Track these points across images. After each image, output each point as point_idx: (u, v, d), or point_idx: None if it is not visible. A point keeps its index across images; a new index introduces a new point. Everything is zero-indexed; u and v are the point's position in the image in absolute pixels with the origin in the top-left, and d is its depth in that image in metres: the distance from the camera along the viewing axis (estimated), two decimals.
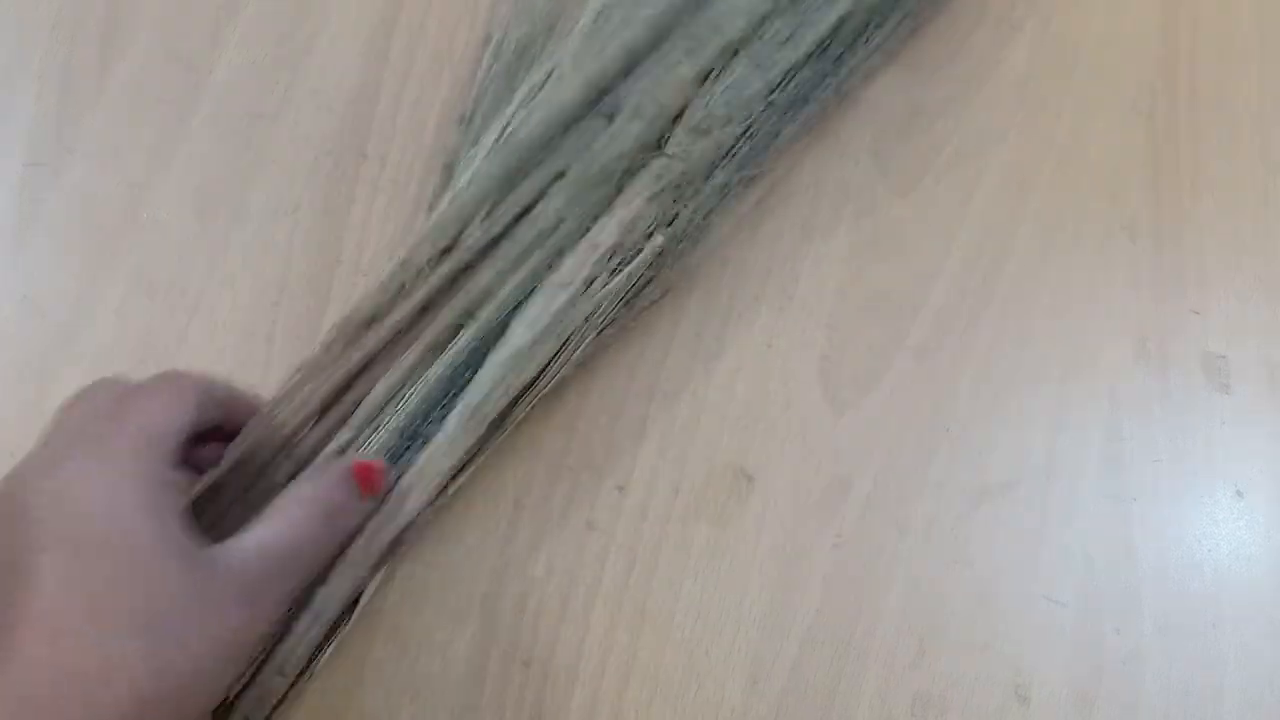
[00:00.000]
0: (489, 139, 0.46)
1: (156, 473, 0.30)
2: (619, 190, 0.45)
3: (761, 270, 0.49)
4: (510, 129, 0.45)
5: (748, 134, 0.47)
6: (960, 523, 0.45)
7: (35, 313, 0.46)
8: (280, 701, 0.38)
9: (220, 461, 0.38)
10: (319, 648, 0.39)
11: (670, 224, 0.45)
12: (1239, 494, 0.46)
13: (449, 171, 0.48)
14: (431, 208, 0.47)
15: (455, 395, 0.42)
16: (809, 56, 0.47)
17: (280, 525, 0.32)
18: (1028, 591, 0.44)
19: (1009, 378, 0.48)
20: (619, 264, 0.44)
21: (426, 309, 0.43)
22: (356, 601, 0.40)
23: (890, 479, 0.46)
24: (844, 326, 0.48)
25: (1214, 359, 0.49)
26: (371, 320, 0.43)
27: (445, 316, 0.43)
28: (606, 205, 0.45)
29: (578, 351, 0.43)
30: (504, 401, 0.42)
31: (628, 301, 0.45)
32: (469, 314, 0.43)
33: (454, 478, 0.42)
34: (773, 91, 0.47)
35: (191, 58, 0.51)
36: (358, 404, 0.42)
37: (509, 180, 0.44)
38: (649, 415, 0.46)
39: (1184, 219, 0.51)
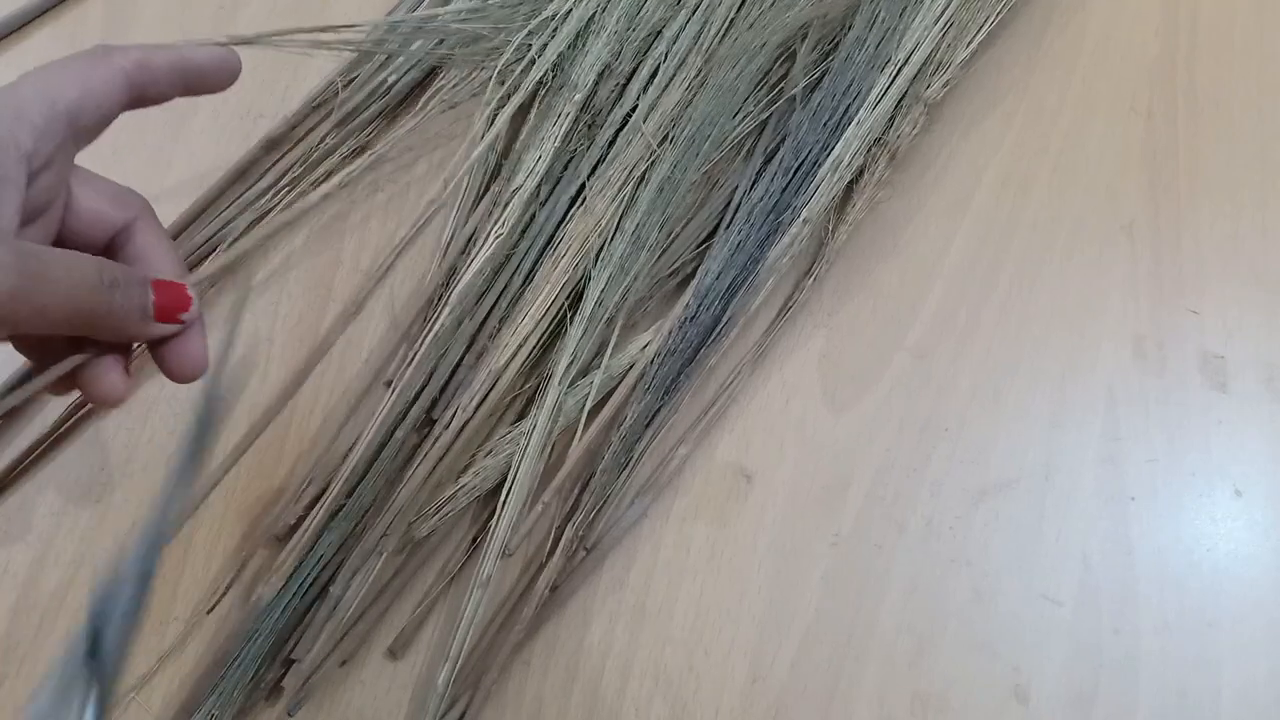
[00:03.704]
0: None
1: (16, 142, 0.28)
2: None
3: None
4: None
5: None
6: (959, 522, 0.45)
7: None
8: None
9: None
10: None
11: None
12: (1237, 493, 0.46)
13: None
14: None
15: None
16: None
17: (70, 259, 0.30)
18: (1026, 591, 0.44)
19: (1008, 377, 0.48)
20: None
21: None
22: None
23: (889, 478, 0.46)
24: (844, 326, 0.48)
25: (1212, 359, 0.49)
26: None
27: None
28: None
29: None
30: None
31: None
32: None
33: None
34: None
35: None
36: None
37: None
38: None
39: (1182, 219, 0.52)
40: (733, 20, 0.50)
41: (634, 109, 0.48)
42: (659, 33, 0.49)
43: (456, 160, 0.49)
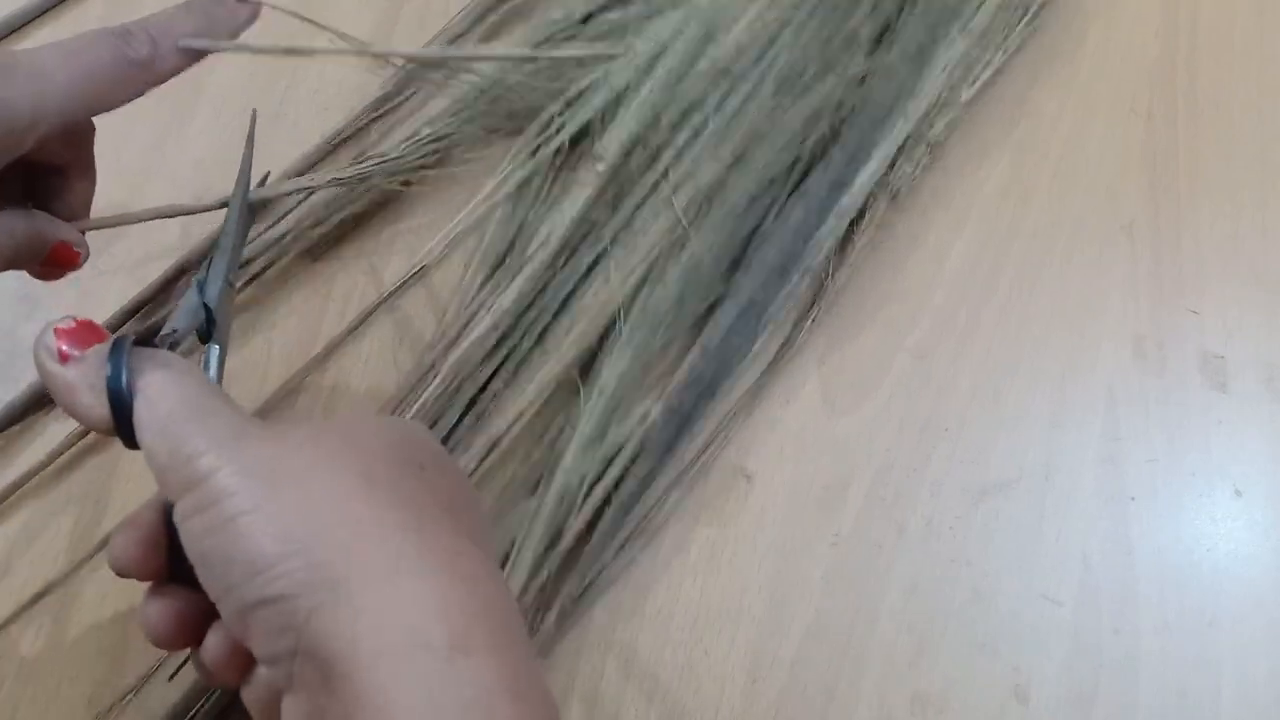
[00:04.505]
0: None
1: None
2: None
3: None
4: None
5: None
6: (959, 522, 0.45)
7: (35, 312, 0.46)
8: None
9: None
10: None
11: None
12: (1237, 493, 0.46)
13: None
14: None
15: None
16: None
17: None
18: (1026, 591, 0.44)
19: (1008, 378, 0.48)
20: None
21: None
22: None
23: (889, 478, 0.46)
24: (844, 328, 0.48)
25: (1212, 359, 0.49)
26: None
27: None
28: None
29: None
30: None
31: None
32: None
33: None
34: None
35: None
36: None
37: None
38: None
39: (1182, 219, 0.52)
40: (776, 94, 0.48)
41: (665, 174, 0.46)
42: (698, 104, 0.48)
43: (460, 218, 0.48)
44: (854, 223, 0.48)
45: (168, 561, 0.28)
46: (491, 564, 0.26)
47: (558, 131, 0.47)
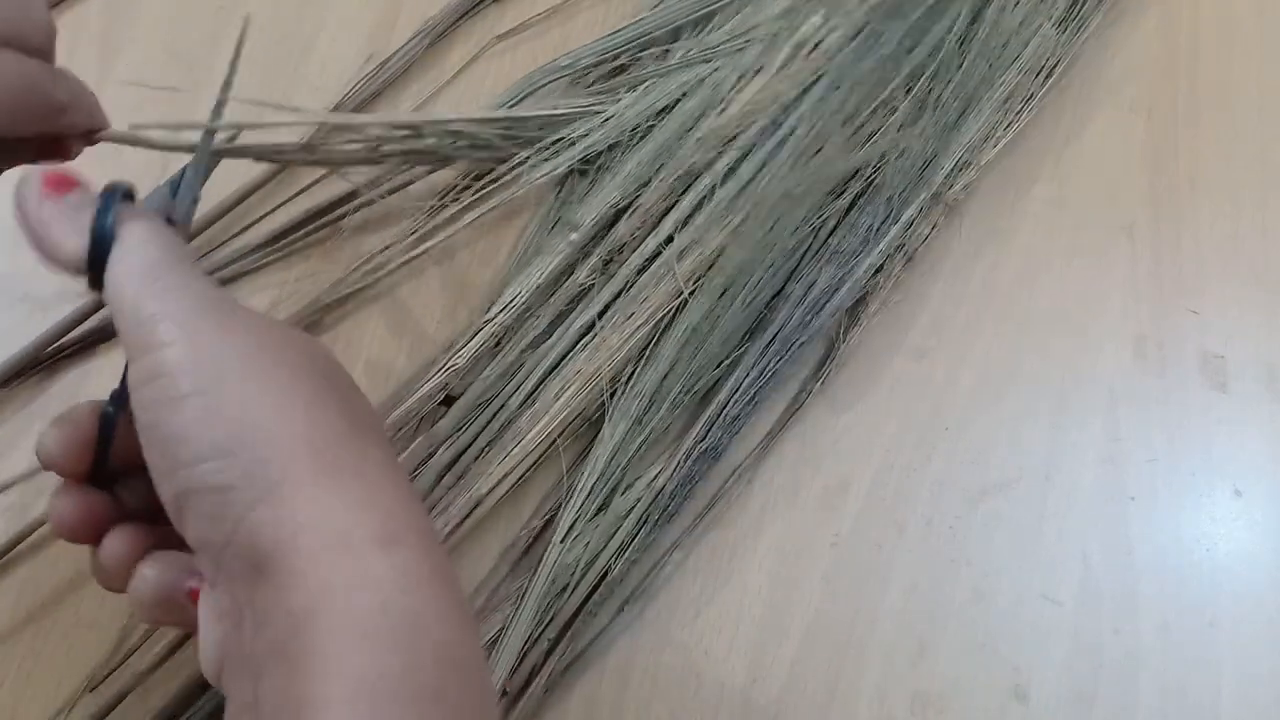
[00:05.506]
0: None
1: None
2: None
3: None
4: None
5: None
6: (959, 522, 0.45)
7: (35, 312, 0.46)
8: None
9: None
10: None
11: None
12: (1237, 493, 0.46)
13: None
14: None
15: None
16: None
17: None
18: (1026, 590, 0.44)
19: (1008, 378, 0.48)
20: None
21: None
22: None
23: (889, 478, 0.46)
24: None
25: (1212, 359, 0.49)
26: None
27: None
28: None
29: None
30: None
31: None
32: None
33: None
34: None
35: (191, 58, 0.51)
36: None
37: None
38: None
39: (1182, 219, 0.52)
40: (793, 164, 0.47)
41: (669, 240, 0.45)
42: (702, 170, 0.46)
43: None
44: (867, 285, 0.48)
45: (92, 464, 0.29)
46: (405, 473, 0.30)
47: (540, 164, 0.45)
